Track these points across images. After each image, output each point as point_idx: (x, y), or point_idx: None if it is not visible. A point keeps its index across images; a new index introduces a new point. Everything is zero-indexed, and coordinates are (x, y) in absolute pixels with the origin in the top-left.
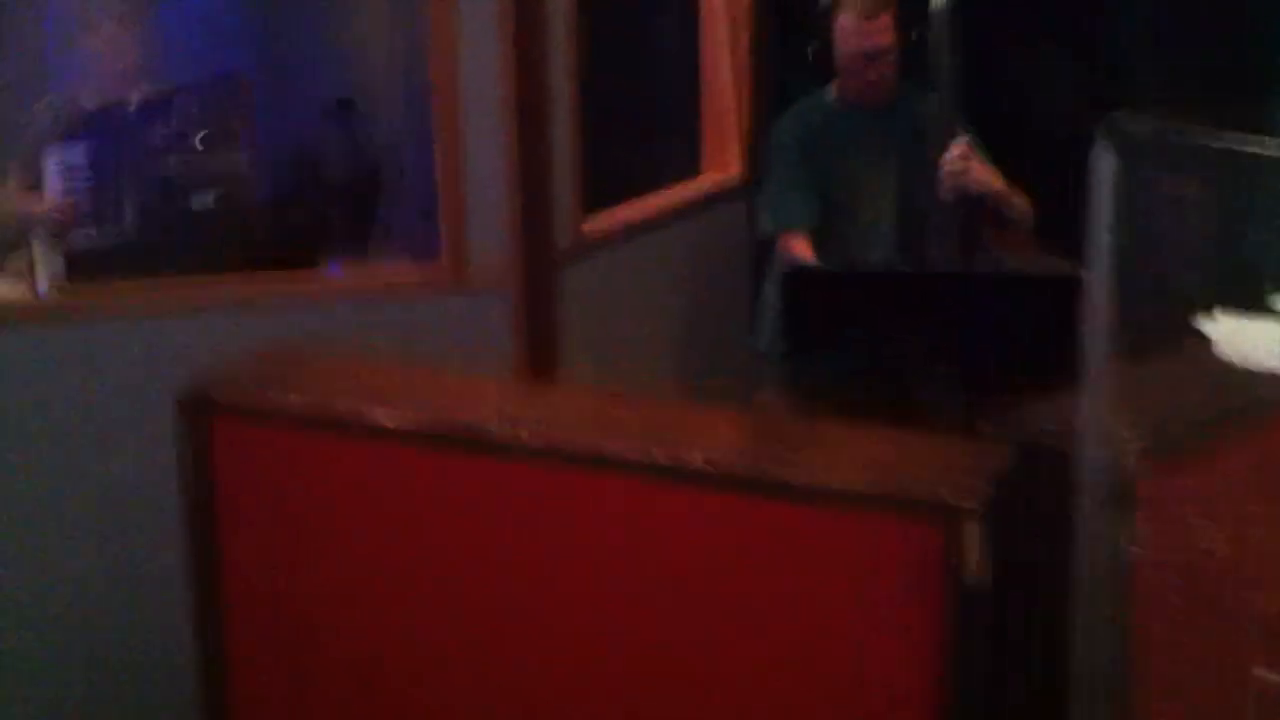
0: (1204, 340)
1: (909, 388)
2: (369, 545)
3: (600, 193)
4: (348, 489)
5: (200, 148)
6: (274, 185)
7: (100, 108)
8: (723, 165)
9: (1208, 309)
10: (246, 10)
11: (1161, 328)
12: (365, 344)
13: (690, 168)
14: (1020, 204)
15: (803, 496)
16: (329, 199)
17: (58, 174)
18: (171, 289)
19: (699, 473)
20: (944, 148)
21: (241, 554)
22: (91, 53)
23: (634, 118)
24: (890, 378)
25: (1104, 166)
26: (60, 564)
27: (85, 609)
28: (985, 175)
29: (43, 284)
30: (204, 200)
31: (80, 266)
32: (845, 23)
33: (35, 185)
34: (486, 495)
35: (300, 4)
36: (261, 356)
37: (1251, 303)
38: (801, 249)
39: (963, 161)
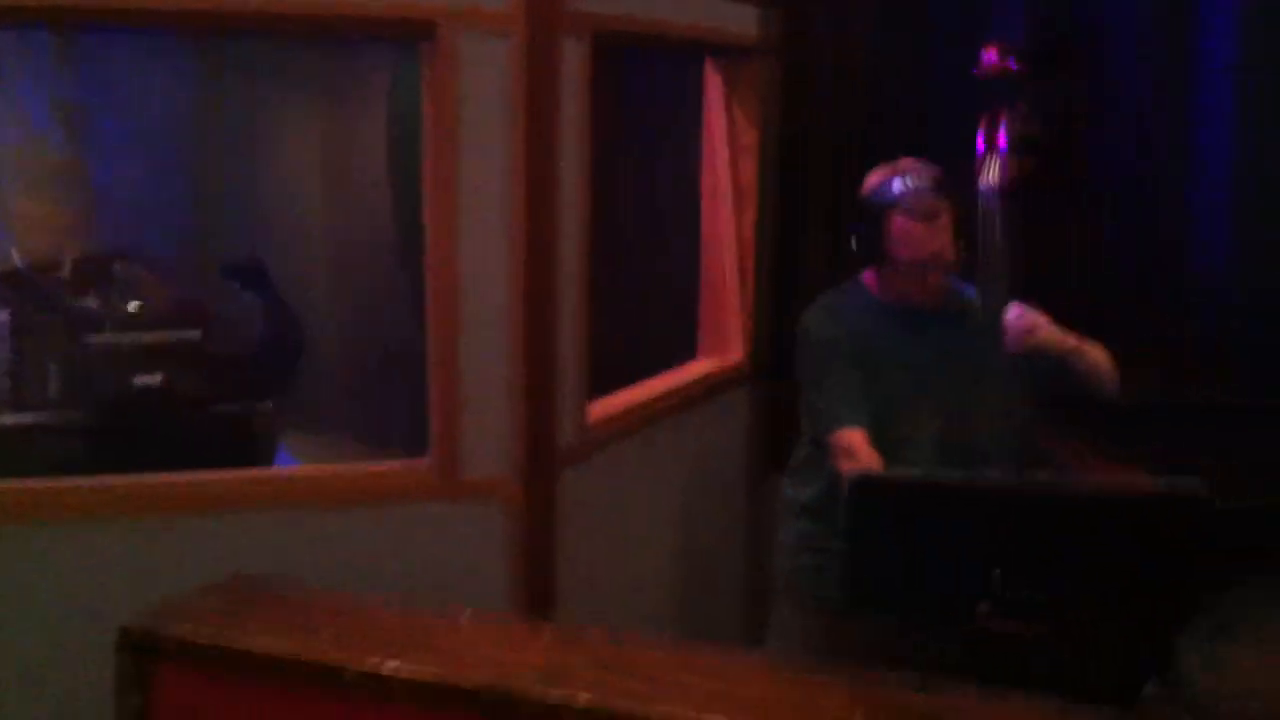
0: None
1: (987, 636)
2: None
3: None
4: None
5: (143, 319)
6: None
7: (25, 269)
8: (721, 350)
9: None
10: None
11: None
12: (338, 556)
13: (687, 353)
14: (1099, 353)
15: None
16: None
17: None
18: (110, 488)
19: None
20: (996, 345)
21: None
22: (21, 218)
23: (628, 300)
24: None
25: None
26: None
27: None
28: (1055, 330)
29: None
30: (149, 380)
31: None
32: (903, 226)
33: None
34: None
35: (222, 170)
36: (219, 585)
37: None
38: (865, 447)
39: (1028, 317)
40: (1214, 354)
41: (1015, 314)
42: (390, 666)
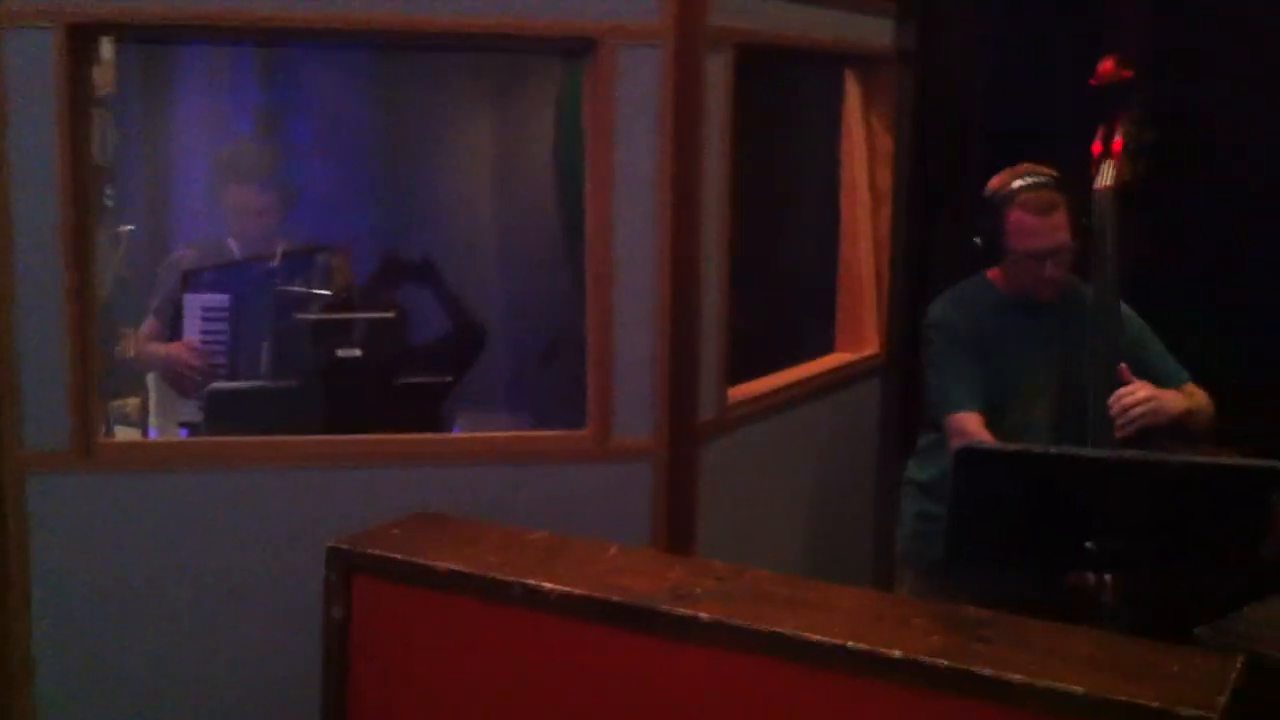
0: None
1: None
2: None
3: (736, 366)
4: (495, 658)
5: (342, 302)
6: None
7: (244, 259)
8: (857, 344)
9: None
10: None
11: None
12: (505, 507)
13: (824, 345)
14: (1201, 412)
15: (1016, 698)
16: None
17: (197, 318)
18: (316, 443)
19: (900, 665)
20: (1107, 340)
21: (373, 715)
22: (236, 207)
23: (769, 294)
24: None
25: None
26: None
27: None
28: (1165, 406)
29: (156, 430)
30: (350, 353)
31: (218, 411)
32: (1020, 220)
33: (172, 329)
34: (655, 678)
35: (399, 170)
36: (406, 519)
37: None
38: (979, 430)
39: (1144, 405)
40: None
41: (1114, 401)
42: (548, 583)
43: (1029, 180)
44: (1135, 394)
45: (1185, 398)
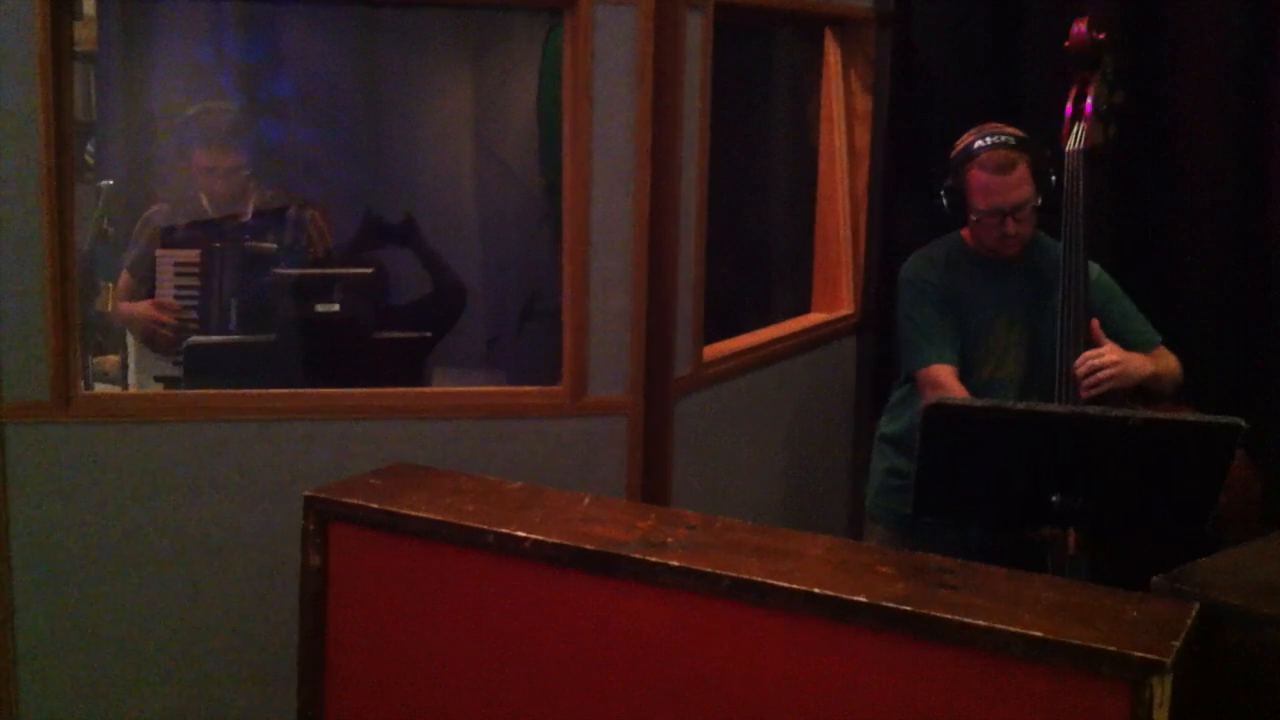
0: None
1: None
2: (485, 663)
3: (713, 325)
4: (470, 604)
5: (321, 257)
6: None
7: (213, 216)
8: (832, 303)
9: None
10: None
11: None
12: (483, 461)
13: (801, 305)
14: (1168, 375)
15: (977, 641)
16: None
17: (170, 273)
18: (286, 397)
19: (864, 610)
20: (1075, 300)
21: (350, 661)
22: (204, 168)
23: (747, 254)
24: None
25: None
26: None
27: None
28: (1130, 370)
29: (134, 384)
30: (328, 308)
31: (197, 365)
32: (979, 179)
33: (147, 284)
34: (626, 624)
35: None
36: (384, 469)
37: None
38: (952, 381)
39: (1110, 369)
40: None
41: (1080, 364)
42: (522, 531)
43: (989, 140)
44: (1102, 356)
45: (1153, 361)
